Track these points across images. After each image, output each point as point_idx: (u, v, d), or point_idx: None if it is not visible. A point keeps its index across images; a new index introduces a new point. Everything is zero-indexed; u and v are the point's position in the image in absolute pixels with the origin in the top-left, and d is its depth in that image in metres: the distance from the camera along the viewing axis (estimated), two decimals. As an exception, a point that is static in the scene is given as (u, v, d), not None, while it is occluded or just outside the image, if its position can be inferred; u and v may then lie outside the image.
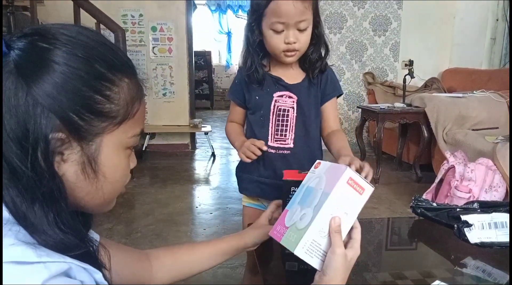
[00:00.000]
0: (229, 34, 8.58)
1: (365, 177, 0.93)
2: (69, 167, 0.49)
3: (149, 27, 4.10)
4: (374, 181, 3.20)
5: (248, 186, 1.23)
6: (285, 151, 1.15)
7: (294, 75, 1.15)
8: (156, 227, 2.37)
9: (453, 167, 2.34)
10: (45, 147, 0.45)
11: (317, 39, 1.12)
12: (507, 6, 3.80)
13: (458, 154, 2.46)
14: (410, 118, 3.16)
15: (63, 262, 0.45)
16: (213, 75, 8.26)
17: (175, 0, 4.08)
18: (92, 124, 0.48)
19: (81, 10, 2.98)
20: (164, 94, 4.26)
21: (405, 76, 3.41)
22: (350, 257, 0.66)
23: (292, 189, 0.85)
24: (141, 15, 4.08)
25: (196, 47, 5.69)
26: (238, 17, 8.50)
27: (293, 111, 1.14)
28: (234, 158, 4.24)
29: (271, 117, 1.14)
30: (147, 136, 4.08)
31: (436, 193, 2.45)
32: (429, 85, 4.00)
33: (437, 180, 2.46)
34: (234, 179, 3.53)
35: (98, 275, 0.50)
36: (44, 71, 0.46)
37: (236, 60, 8.55)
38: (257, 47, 1.11)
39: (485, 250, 0.91)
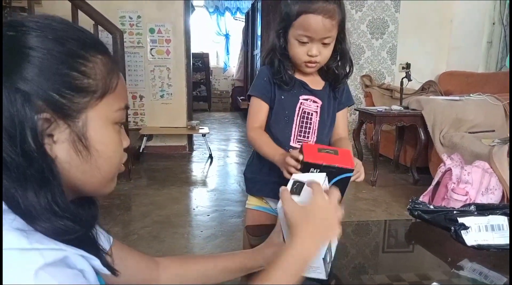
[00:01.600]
0: (227, 36, 8.60)
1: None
2: (61, 147, 0.49)
3: (147, 28, 4.10)
4: (371, 184, 3.21)
5: (264, 188, 1.22)
6: None
7: (316, 82, 1.19)
8: (153, 229, 2.37)
9: (450, 169, 2.35)
10: (32, 130, 0.46)
11: (342, 55, 1.16)
12: (504, 10, 3.82)
13: (455, 157, 2.47)
14: (407, 121, 3.17)
15: (59, 249, 0.45)
16: (210, 77, 8.26)
17: (173, 1, 4.08)
18: (73, 100, 0.49)
19: (79, 12, 2.98)
20: (162, 96, 4.25)
21: (402, 79, 3.43)
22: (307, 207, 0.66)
23: (310, 170, 0.84)
24: (139, 17, 4.08)
25: (194, 49, 5.69)
26: (236, 19, 8.52)
27: (316, 115, 1.17)
28: (232, 160, 4.24)
29: (295, 118, 1.16)
30: (144, 138, 4.08)
31: (433, 196, 2.46)
32: (426, 88, 4.02)
33: (434, 183, 2.47)
34: (231, 181, 3.54)
35: (96, 262, 0.51)
36: (18, 58, 0.47)
37: (233, 62, 8.57)
38: (283, 51, 1.14)
39: (482, 253, 0.92)
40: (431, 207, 1.08)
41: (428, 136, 3.06)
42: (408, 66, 3.51)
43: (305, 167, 0.84)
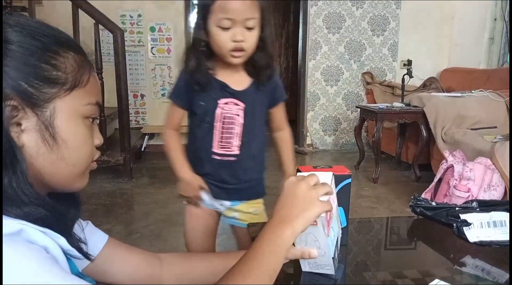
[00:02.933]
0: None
1: None
2: (29, 136, 0.51)
3: (147, 27, 4.10)
4: (373, 181, 3.20)
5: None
6: (231, 158, 1.13)
7: (240, 81, 1.11)
8: (156, 228, 2.37)
9: (452, 166, 2.35)
10: None
11: (264, 44, 1.08)
12: (505, 6, 3.80)
13: (457, 154, 2.46)
14: (408, 118, 3.16)
15: (15, 224, 0.46)
16: (211, 75, 8.25)
17: (174, 1, 4.08)
18: (41, 90, 0.51)
19: (80, 11, 2.98)
20: (163, 95, 4.26)
21: (403, 75, 3.42)
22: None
23: None
24: (139, 16, 4.08)
25: (195, 48, 5.68)
26: (236, 17, 8.51)
27: (240, 118, 1.11)
28: (233, 158, 4.24)
29: (216, 124, 1.11)
30: (146, 136, 4.08)
31: (435, 193, 2.45)
32: (427, 85, 4.01)
33: (436, 180, 2.47)
34: (233, 179, 3.51)
35: (62, 241, 0.51)
36: None
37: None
38: (204, 48, 1.05)
39: (484, 249, 0.91)
40: (433, 203, 1.08)
41: (430, 133, 3.05)
42: (409, 63, 3.51)
43: None
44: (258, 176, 1.21)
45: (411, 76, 3.40)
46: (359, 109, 3.62)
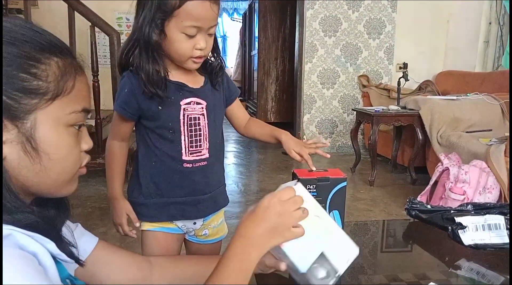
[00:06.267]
0: (224, 37, 8.61)
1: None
2: (10, 148, 0.49)
3: (144, 30, 4.09)
4: (369, 183, 3.21)
5: (161, 211, 1.07)
6: (202, 163, 1.04)
7: (195, 80, 1.04)
8: (151, 231, 2.35)
9: (447, 169, 2.36)
10: None
11: (216, 45, 1.04)
12: (500, 10, 3.83)
13: (452, 156, 2.47)
14: (404, 121, 3.17)
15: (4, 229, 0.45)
16: (208, 78, 8.25)
17: (170, 3, 4.08)
18: (21, 102, 0.49)
19: (76, 13, 2.97)
20: (159, 97, 4.24)
21: (399, 78, 3.43)
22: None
23: (307, 187, 0.86)
24: (136, 18, 4.07)
25: (191, 50, 5.68)
26: (233, 20, 8.53)
27: (204, 118, 1.03)
28: (230, 161, 4.24)
29: (182, 128, 1.00)
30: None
31: (430, 195, 2.46)
32: (423, 88, 4.03)
33: (431, 182, 2.47)
34: (229, 182, 3.51)
35: (51, 245, 0.50)
36: None
37: (231, 63, 8.57)
38: (158, 48, 0.95)
39: (479, 252, 0.92)
40: (429, 206, 1.08)
41: (425, 135, 3.06)
42: (405, 66, 3.52)
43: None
44: (224, 180, 1.17)
45: (406, 79, 3.41)
46: (355, 112, 3.63)
